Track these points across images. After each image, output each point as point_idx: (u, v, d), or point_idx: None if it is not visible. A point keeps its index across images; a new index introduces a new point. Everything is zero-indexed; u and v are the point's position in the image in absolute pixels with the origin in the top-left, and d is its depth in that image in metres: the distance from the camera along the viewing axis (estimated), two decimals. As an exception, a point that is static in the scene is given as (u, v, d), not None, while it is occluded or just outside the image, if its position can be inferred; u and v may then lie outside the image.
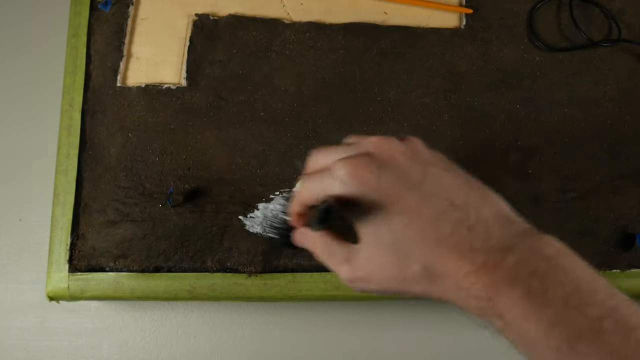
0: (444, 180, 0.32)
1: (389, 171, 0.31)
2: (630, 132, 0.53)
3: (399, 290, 0.32)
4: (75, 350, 0.54)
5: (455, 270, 0.29)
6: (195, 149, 0.51)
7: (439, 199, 0.31)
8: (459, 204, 0.31)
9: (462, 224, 0.30)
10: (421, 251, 0.30)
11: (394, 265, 0.31)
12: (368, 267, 0.32)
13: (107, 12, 0.54)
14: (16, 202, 0.57)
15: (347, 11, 0.55)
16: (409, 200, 0.31)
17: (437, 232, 0.30)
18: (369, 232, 0.32)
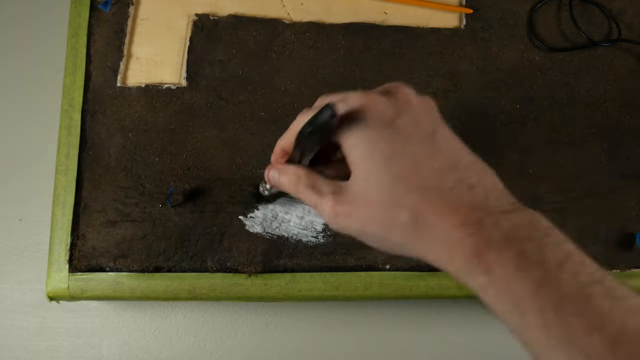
0: (452, 142, 0.32)
1: (405, 113, 0.31)
2: (630, 132, 0.53)
3: (378, 234, 0.31)
4: (75, 350, 0.54)
5: (446, 222, 0.29)
6: (195, 149, 0.51)
7: (446, 154, 0.31)
8: (463, 165, 0.31)
9: (463, 183, 0.30)
10: (416, 198, 0.30)
11: (382, 207, 0.30)
12: (355, 202, 0.31)
13: (107, 12, 0.54)
14: (16, 202, 0.57)
15: (347, 11, 0.55)
16: (418, 147, 0.30)
17: (438, 183, 0.30)
18: (365, 168, 0.31)
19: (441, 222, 0.29)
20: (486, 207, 0.29)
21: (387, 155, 0.30)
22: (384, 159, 0.30)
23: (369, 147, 0.30)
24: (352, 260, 0.49)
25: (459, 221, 0.29)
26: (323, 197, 0.32)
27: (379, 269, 0.49)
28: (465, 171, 0.31)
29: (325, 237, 0.49)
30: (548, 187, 0.51)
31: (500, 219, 0.29)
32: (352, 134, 0.31)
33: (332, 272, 0.48)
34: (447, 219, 0.29)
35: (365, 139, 0.31)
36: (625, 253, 0.50)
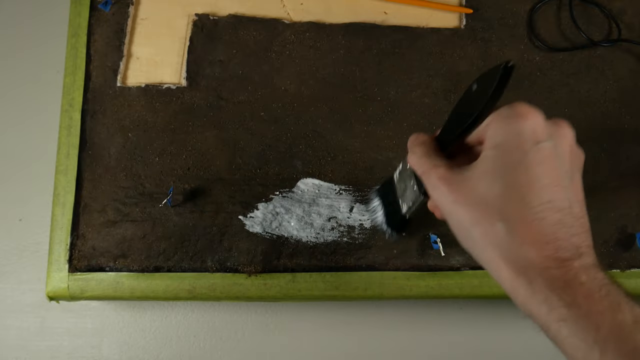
0: (579, 189, 0.32)
1: (556, 143, 0.31)
2: (630, 132, 0.53)
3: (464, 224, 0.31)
4: (75, 350, 0.54)
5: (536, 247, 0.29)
6: (195, 149, 0.51)
7: (567, 195, 0.31)
8: (577, 214, 0.31)
9: (567, 227, 0.30)
10: (518, 213, 0.30)
11: (485, 202, 0.31)
12: (462, 185, 0.32)
13: (107, 12, 0.54)
14: (16, 202, 0.57)
15: (347, 11, 0.55)
16: (546, 173, 0.30)
17: (545, 213, 0.30)
18: (491, 162, 0.31)
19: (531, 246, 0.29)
20: (579, 254, 0.29)
21: (516, 164, 0.30)
22: (511, 164, 0.30)
23: (506, 148, 0.31)
24: (352, 260, 0.49)
25: (550, 253, 0.29)
26: (436, 167, 0.33)
27: (379, 269, 0.48)
28: (575, 219, 0.31)
29: (325, 237, 0.49)
30: (548, 187, 0.51)
31: (590, 269, 0.29)
32: (501, 129, 0.31)
33: (332, 272, 0.48)
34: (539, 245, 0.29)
35: (509, 141, 0.31)
36: (625, 253, 0.50)
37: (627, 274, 0.49)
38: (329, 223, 0.49)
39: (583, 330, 0.27)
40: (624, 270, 0.49)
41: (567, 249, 0.29)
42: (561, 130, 0.32)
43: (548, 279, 0.28)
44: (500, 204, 0.30)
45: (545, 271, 0.29)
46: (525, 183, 0.30)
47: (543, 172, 0.30)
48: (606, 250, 0.50)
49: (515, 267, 0.30)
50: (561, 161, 0.31)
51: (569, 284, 0.28)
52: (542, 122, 0.31)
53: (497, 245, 0.30)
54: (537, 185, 0.30)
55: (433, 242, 0.49)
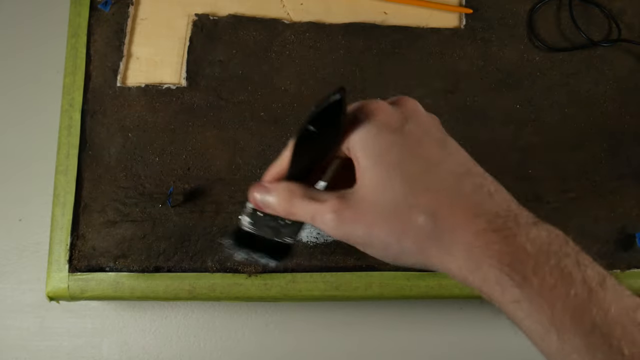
0: (462, 152, 0.30)
1: (413, 122, 0.30)
2: (630, 132, 0.53)
3: (387, 240, 0.28)
4: (75, 350, 0.54)
5: (470, 226, 0.27)
6: (195, 149, 0.51)
7: (460, 160, 0.30)
8: (478, 174, 0.29)
9: (483, 188, 0.28)
10: (433, 199, 0.28)
11: (395, 211, 0.28)
12: (363, 207, 0.29)
13: (107, 12, 0.54)
14: (16, 202, 0.57)
15: (347, 11, 0.55)
16: (431, 150, 0.29)
17: (457, 186, 0.28)
18: (376, 172, 0.29)
19: (463, 225, 0.27)
20: (512, 216, 0.27)
21: (398, 158, 0.29)
22: (395, 161, 0.29)
23: (380, 151, 0.29)
24: (352, 260, 0.49)
25: (483, 226, 0.27)
26: (324, 203, 0.30)
27: (379, 269, 0.48)
28: (482, 179, 0.29)
29: (325, 237, 0.49)
30: (548, 187, 0.51)
31: (530, 229, 0.27)
32: (361, 138, 0.29)
33: (332, 272, 0.48)
34: (469, 222, 0.27)
35: (374, 140, 0.29)
36: (625, 253, 0.50)
37: (627, 274, 0.49)
38: (329, 223, 0.49)
39: (537, 311, 0.25)
40: (624, 271, 0.49)
41: (497, 213, 0.27)
42: (409, 106, 0.31)
43: (493, 256, 0.26)
44: (410, 200, 0.28)
45: (487, 248, 0.26)
46: (419, 170, 0.28)
47: (426, 152, 0.29)
48: (606, 250, 0.50)
49: (460, 255, 0.27)
50: (430, 133, 0.30)
51: (515, 256, 0.26)
52: (390, 110, 0.30)
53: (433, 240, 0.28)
54: (431, 165, 0.28)
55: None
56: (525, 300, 0.26)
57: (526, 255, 0.26)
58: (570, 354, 0.25)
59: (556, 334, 0.25)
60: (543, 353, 0.27)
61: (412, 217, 0.28)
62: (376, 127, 0.29)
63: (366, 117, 0.30)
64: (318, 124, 0.29)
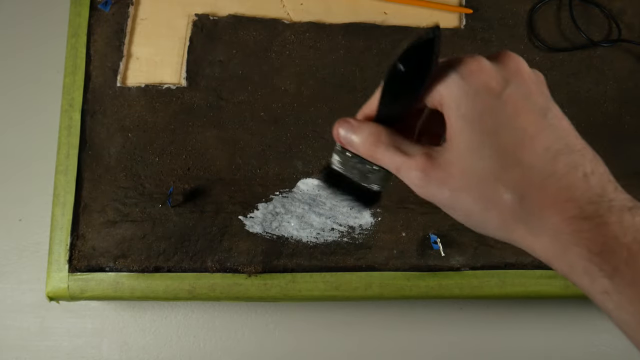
0: (563, 121, 0.28)
1: (515, 84, 0.28)
2: (630, 132, 0.53)
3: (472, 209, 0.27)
4: (75, 350, 0.54)
5: (559, 210, 0.26)
6: (195, 149, 0.51)
7: (558, 134, 0.27)
8: (578, 149, 0.27)
9: (578, 169, 0.26)
10: (524, 177, 0.26)
11: (484, 179, 0.27)
12: (452, 168, 0.27)
13: (107, 12, 0.54)
14: (16, 202, 0.57)
15: (347, 11, 0.55)
16: (529, 121, 0.27)
17: (550, 165, 0.26)
18: (467, 136, 0.27)
19: (552, 210, 0.26)
20: (606, 200, 0.26)
21: (494, 125, 0.27)
22: (489, 128, 0.27)
23: (475, 114, 0.27)
24: (352, 260, 0.49)
25: (573, 212, 0.25)
26: (411, 158, 0.28)
27: (379, 269, 0.48)
28: (579, 156, 0.27)
29: (325, 237, 0.49)
30: (548, 187, 0.51)
31: (624, 216, 0.25)
32: (457, 91, 0.27)
33: (332, 272, 0.48)
34: (559, 207, 0.26)
35: (470, 103, 0.27)
36: (625, 253, 0.50)
37: (627, 274, 0.49)
38: (329, 223, 0.49)
39: (629, 303, 0.24)
40: (624, 270, 0.49)
41: (590, 198, 0.26)
42: (512, 65, 0.29)
43: (582, 245, 0.25)
44: (499, 174, 0.27)
45: (576, 236, 0.25)
46: (513, 142, 0.27)
47: (524, 123, 0.27)
48: (606, 250, 0.50)
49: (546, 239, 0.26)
50: (532, 100, 0.28)
51: (606, 246, 0.24)
52: (492, 70, 0.28)
53: (518, 219, 0.27)
54: (526, 138, 0.27)
55: (433, 243, 0.49)
56: (616, 292, 0.24)
57: (618, 244, 0.25)
58: None
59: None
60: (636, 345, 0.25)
61: (499, 191, 0.27)
62: (474, 88, 0.27)
63: (464, 74, 0.28)
64: (409, 63, 0.27)
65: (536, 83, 0.29)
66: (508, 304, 0.54)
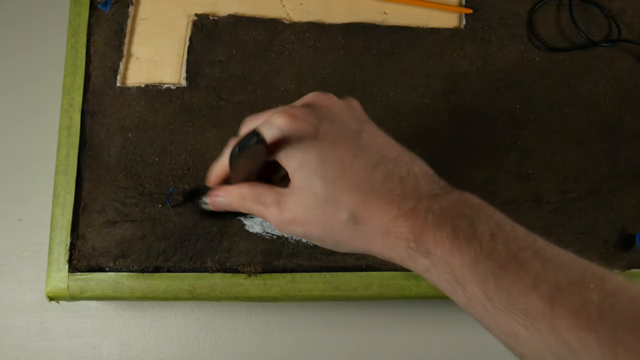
0: (377, 138, 0.34)
1: (328, 121, 0.33)
2: (630, 132, 0.53)
3: (322, 235, 0.33)
4: (75, 350, 0.54)
5: (383, 215, 0.31)
6: (195, 149, 0.51)
7: (373, 151, 0.33)
8: (391, 158, 0.33)
9: (394, 175, 0.32)
10: (351, 197, 0.31)
11: (322, 210, 0.32)
12: (296, 209, 0.33)
13: (107, 12, 0.54)
14: (16, 202, 0.57)
15: (347, 11, 0.55)
16: (345, 149, 0.32)
17: (369, 180, 0.32)
18: (301, 177, 0.33)
19: (378, 217, 0.31)
20: (417, 195, 0.31)
21: (317, 163, 0.32)
22: (315, 166, 0.32)
23: (301, 159, 0.32)
24: (352, 260, 0.49)
25: (394, 213, 0.30)
26: (268, 208, 0.35)
27: (379, 269, 0.48)
28: (394, 164, 0.32)
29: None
30: (548, 187, 0.51)
31: (432, 203, 0.30)
32: (285, 151, 0.33)
33: (332, 272, 0.48)
34: (383, 212, 0.31)
35: (296, 152, 0.32)
36: (625, 253, 0.50)
37: (627, 274, 0.49)
38: (328, 223, 0.49)
39: (443, 273, 0.29)
40: (623, 270, 0.49)
41: (405, 195, 0.31)
42: (322, 104, 0.34)
43: (403, 238, 0.30)
44: (332, 201, 0.32)
45: (398, 232, 0.30)
46: (336, 171, 0.32)
47: (340, 151, 0.32)
48: (606, 251, 0.50)
49: (380, 242, 0.31)
50: (345, 128, 0.33)
51: (419, 233, 0.30)
52: (305, 115, 0.33)
53: (357, 233, 0.32)
54: (346, 164, 0.32)
55: (433, 242, 0.49)
56: (432, 266, 0.30)
57: (427, 228, 0.30)
58: (475, 302, 0.29)
59: (461, 289, 0.29)
60: (459, 306, 0.31)
61: (337, 216, 0.32)
62: (295, 137, 0.32)
63: (283, 128, 0.33)
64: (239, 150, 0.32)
65: (347, 111, 0.34)
66: (508, 304, 0.54)
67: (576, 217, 0.50)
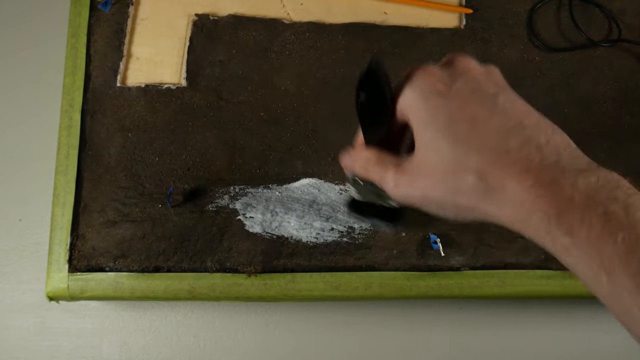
0: (516, 104, 0.31)
1: (463, 80, 0.31)
2: (630, 132, 0.53)
3: (443, 200, 0.30)
4: (75, 350, 0.54)
5: (518, 183, 0.28)
6: (195, 149, 0.51)
7: (510, 115, 0.30)
8: (530, 125, 0.30)
9: (531, 142, 0.29)
10: (481, 159, 0.29)
11: (446, 170, 0.30)
12: (418, 170, 0.31)
13: (107, 12, 0.54)
14: (16, 202, 0.57)
15: (347, 11, 0.55)
16: (478, 109, 0.30)
17: (503, 144, 0.29)
18: (426, 137, 0.30)
19: (511, 184, 0.28)
20: (560, 167, 0.28)
21: (446, 121, 0.30)
22: (442, 125, 0.30)
23: (428, 115, 0.30)
24: (352, 260, 0.49)
25: (531, 182, 0.28)
26: (387, 170, 0.32)
27: (379, 269, 0.48)
28: (533, 130, 0.30)
29: (324, 237, 0.49)
30: (548, 187, 0.51)
31: (578, 179, 0.27)
32: (411, 101, 0.31)
33: (332, 272, 0.48)
34: (517, 179, 0.28)
35: (423, 107, 0.30)
36: (625, 253, 0.50)
37: (627, 274, 0.49)
38: (328, 223, 0.49)
39: (587, 256, 0.26)
40: (624, 270, 0.49)
41: (545, 166, 0.28)
42: (459, 65, 0.32)
43: (541, 210, 0.27)
44: (459, 162, 0.29)
45: (536, 202, 0.27)
46: (465, 131, 0.29)
47: (473, 111, 0.30)
48: (606, 250, 0.50)
49: (510, 209, 0.29)
50: (481, 90, 0.31)
51: (562, 208, 0.27)
52: (439, 73, 0.31)
53: (484, 197, 0.29)
54: (476, 125, 0.29)
55: (433, 242, 0.49)
56: (574, 247, 0.27)
57: (573, 205, 0.27)
58: (621, 294, 0.26)
59: (606, 277, 0.26)
60: (597, 295, 0.27)
61: (463, 177, 0.29)
62: (423, 92, 0.30)
63: (414, 84, 0.31)
64: (366, 92, 0.31)
65: (485, 74, 0.32)
66: (508, 304, 0.54)
67: (576, 217, 0.50)
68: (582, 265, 0.27)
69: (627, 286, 0.25)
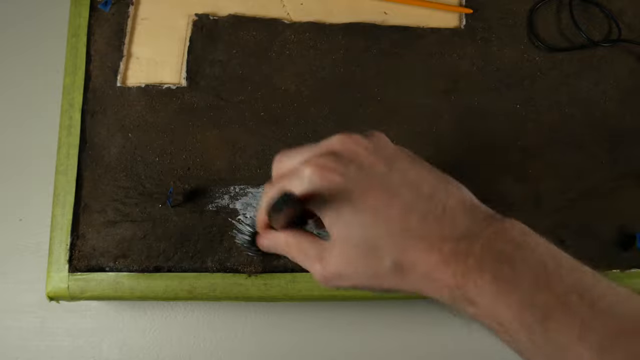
0: (409, 174, 0.32)
1: (355, 168, 0.32)
2: (630, 132, 0.53)
3: (371, 285, 0.32)
4: (75, 350, 0.54)
5: (425, 261, 0.30)
6: (195, 149, 0.51)
7: (405, 192, 0.31)
8: (426, 196, 0.31)
9: (429, 215, 0.31)
10: (390, 245, 0.31)
11: (365, 261, 0.31)
12: (340, 264, 0.32)
13: (107, 12, 0.54)
14: (16, 202, 0.57)
15: (347, 11, 0.55)
16: (376, 195, 0.31)
17: (405, 224, 0.30)
18: (339, 229, 0.32)
19: (421, 263, 0.30)
20: (456, 237, 0.30)
21: (352, 214, 0.31)
22: (350, 218, 0.31)
23: (335, 211, 0.32)
24: (352, 260, 0.49)
25: (434, 257, 0.29)
26: (312, 264, 0.34)
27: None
28: (429, 201, 0.31)
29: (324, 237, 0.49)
30: (548, 187, 0.51)
31: (471, 243, 0.29)
32: (318, 204, 0.32)
33: (332, 272, 0.48)
34: (423, 257, 0.30)
35: (329, 205, 0.32)
36: (625, 253, 0.50)
37: (627, 274, 0.49)
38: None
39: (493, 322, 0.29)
40: (624, 270, 0.49)
41: (444, 237, 0.30)
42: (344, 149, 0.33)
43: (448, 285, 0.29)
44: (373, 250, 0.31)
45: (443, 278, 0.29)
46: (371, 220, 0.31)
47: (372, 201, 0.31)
48: (606, 250, 0.50)
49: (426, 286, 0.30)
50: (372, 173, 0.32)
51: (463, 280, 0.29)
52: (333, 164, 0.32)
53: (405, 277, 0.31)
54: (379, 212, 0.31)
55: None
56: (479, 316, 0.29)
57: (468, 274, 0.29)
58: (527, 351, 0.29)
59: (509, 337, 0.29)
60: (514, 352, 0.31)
61: (381, 264, 0.31)
62: (325, 189, 0.31)
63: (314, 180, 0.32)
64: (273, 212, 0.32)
65: (374, 152, 0.33)
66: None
67: (576, 217, 0.50)
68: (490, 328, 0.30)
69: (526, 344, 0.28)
